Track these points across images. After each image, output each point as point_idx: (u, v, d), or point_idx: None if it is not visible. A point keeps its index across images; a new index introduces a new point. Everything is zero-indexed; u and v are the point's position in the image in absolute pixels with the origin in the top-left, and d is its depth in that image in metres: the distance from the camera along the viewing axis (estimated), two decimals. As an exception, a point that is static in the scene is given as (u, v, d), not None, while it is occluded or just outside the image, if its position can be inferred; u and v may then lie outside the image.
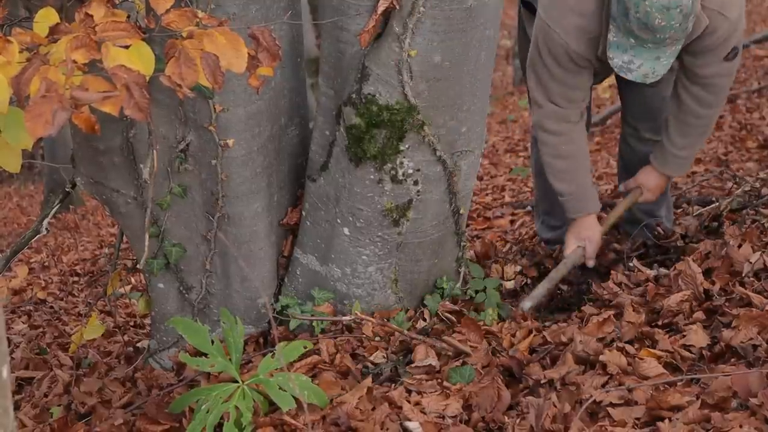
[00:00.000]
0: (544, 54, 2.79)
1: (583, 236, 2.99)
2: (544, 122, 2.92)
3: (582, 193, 2.99)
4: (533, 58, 2.85)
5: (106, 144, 2.57)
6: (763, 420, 1.81)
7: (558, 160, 2.96)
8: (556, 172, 2.98)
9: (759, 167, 4.27)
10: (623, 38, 2.65)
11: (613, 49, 2.67)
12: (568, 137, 2.93)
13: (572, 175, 2.97)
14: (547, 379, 2.18)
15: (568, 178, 2.97)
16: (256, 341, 2.78)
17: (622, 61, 2.67)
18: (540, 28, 2.79)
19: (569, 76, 2.82)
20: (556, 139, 2.93)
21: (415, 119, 2.47)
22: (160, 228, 2.69)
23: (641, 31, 2.59)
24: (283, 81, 2.62)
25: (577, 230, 3.01)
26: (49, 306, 4.74)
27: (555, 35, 2.73)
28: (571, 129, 2.93)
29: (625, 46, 2.65)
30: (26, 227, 9.06)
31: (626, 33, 2.63)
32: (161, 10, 1.80)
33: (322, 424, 2.16)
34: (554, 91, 2.85)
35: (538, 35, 2.79)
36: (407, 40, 2.36)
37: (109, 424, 2.47)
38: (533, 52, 2.85)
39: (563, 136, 2.93)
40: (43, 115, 1.53)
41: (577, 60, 2.77)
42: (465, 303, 2.77)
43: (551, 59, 2.78)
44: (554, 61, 2.78)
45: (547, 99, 2.88)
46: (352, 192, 2.58)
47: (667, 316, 2.40)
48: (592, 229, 3.00)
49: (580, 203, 2.99)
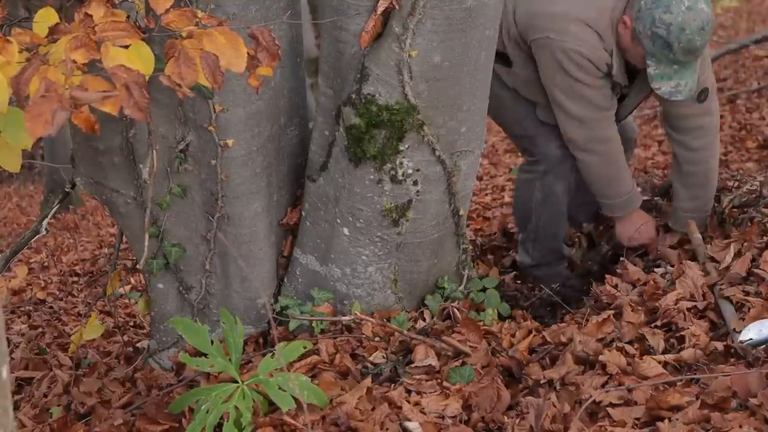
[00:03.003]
0: (572, 70, 2.88)
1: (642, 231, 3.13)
2: (602, 133, 3.00)
3: (634, 187, 3.13)
4: (565, 84, 2.92)
5: (105, 144, 2.57)
6: (762, 420, 1.81)
7: (614, 164, 3.06)
8: (613, 176, 3.08)
9: (759, 167, 4.26)
10: (666, 68, 2.80)
11: (657, 80, 2.82)
12: (618, 137, 3.05)
13: (625, 171, 3.09)
14: (547, 379, 2.18)
15: (624, 178, 3.08)
16: (256, 341, 2.78)
17: (669, 87, 2.82)
18: (557, 49, 2.86)
19: (599, 81, 2.92)
20: (611, 145, 3.03)
21: (414, 119, 2.47)
22: (159, 228, 2.68)
23: (686, 56, 2.77)
24: (283, 81, 2.62)
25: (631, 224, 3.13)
26: (48, 306, 4.74)
27: (576, 47, 2.84)
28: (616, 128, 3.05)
29: (669, 74, 2.81)
30: (26, 227, 9.06)
31: (669, 63, 2.79)
32: (161, 10, 1.80)
33: (321, 424, 2.16)
34: (596, 99, 2.94)
35: (559, 57, 2.87)
36: (407, 40, 2.36)
37: (109, 425, 2.47)
38: (561, 77, 2.91)
39: (616, 138, 3.04)
40: (42, 115, 1.53)
41: (598, 64, 2.87)
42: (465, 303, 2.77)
43: (581, 72, 2.88)
44: (584, 72, 2.88)
45: (597, 109, 2.97)
46: (351, 192, 2.58)
47: (666, 316, 2.40)
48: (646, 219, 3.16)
49: (634, 198, 3.12)
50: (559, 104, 2.97)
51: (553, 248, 3.32)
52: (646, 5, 2.79)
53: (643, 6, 2.80)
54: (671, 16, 2.73)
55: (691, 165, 3.06)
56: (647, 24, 2.78)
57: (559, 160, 3.13)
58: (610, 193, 3.10)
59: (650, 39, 2.78)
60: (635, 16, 2.82)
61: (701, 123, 3.03)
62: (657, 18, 2.75)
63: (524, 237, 3.39)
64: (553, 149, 3.13)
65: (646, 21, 2.78)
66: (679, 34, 2.73)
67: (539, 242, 3.32)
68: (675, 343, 2.27)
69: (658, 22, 2.75)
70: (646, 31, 2.78)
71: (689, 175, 3.08)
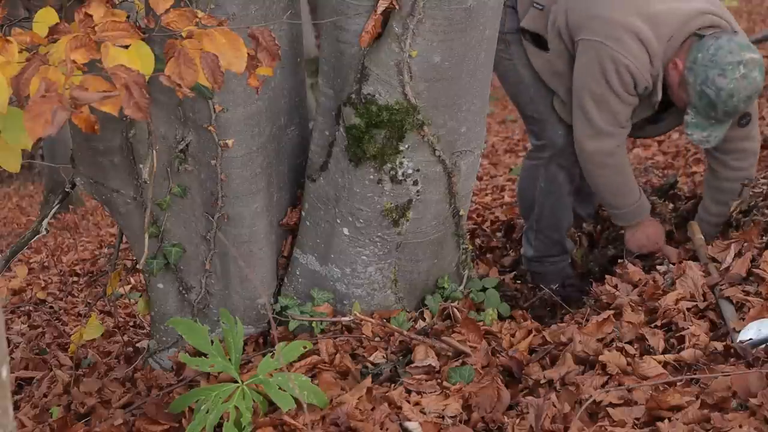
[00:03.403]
0: (614, 81, 2.89)
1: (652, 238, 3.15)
2: (615, 148, 3.02)
3: (642, 196, 3.15)
4: (599, 92, 2.93)
5: (105, 144, 2.57)
6: (762, 420, 1.81)
7: (622, 175, 3.08)
8: (622, 187, 3.10)
9: (759, 167, 4.26)
10: (703, 120, 2.86)
11: (691, 128, 2.88)
12: (625, 149, 3.10)
13: (633, 182, 3.12)
14: (547, 379, 2.18)
15: (632, 187, 3.11)
16: (256, 341, 2.78)
17: (701, 137, 2.89)
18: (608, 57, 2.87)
19: (633, 98, 2.94)
20: (621, 157, 3.06)
21: (414, 119, 2.47)
22: (159, 228, 2.68)
23: (725, 117, 2.83)
24: (283, 81, 2.62)
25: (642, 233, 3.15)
26: (48, 306, 4.74)
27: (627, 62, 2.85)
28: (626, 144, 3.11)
29: (704, 126, 2.86)
30: (26, 227, 9.06)
31: (707, 118, 2.84)
32: (161, 10, 1.80)
33: (321, 424, 2.16)
34: (622, 115, 2.97)
35: (605, 65, 2.88)
36: (407, 40, 2.36)
37: (109, 425, 2.47)
38: (598, 84, 2.92)
39: (624, 152, 3.08)
40: (42, 115, 1.53)
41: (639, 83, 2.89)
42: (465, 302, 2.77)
43: (621, 86, 2.89)
44: (623, 87, 2.89)
45: (618, 125, 2.99)
46: (351, 192, 2.58)
47: (666, 316, 2.40)
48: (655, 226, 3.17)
49: (643, 206, 3.14)
50: (585, 110, 2.97)
51: (555, 240, 3.33)
52: (702, 60, 2.80)
53: (699, 59, 2.80)
54: (724, 81, 2.76)
55: (728, 182, 3.12)
56: (699, 80, 2.80)
57: (564, 148, 3.15)
58: (618, 203, 3.12)
59: (697, 94, 2.81)
60: (689, 65, 2.83)
61: (743, 147, 3.08)
62: (710, 78, 2.78)
63: (527, 227, 3.41)
64: (561, 136, 3.15)
65: (698, 76, 2.80)
66: (727, 99, 2.77)
67: (542, 233, 3.33)
68: (675, 343, 2.27)
69: (710, 83, 2.78)
70: (695, 85, 2.81)
71: (724, 192, 3.13)
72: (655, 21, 2.88)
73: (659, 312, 2.42)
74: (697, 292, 2.50)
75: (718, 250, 2.76)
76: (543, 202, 3.28)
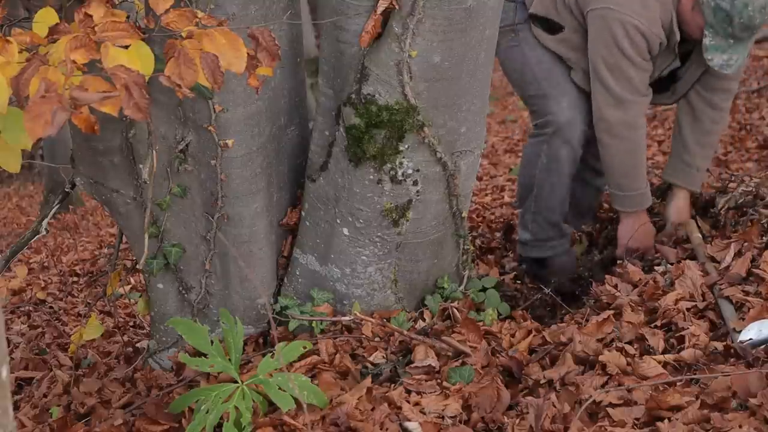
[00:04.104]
0: (625, 46, 2.93)
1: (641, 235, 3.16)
2: (634, 118, 3.05)
3: (647, 187, 3.17)
4: (612, 60, 2.97)
5: (105, 144, 2.57)
6: (762, 420, 1.81)
7: (636, 155, 3.11)
8: (633, 166, 3.12)
9: (759, 167, 4.27)
10: (722, 41, 2.88)
11: (711, 51, 2.90)
12: (644, 128, 3.12)
13: (644, 167, 3.14)
14: (547, 379, 2.18)
15: (642, 173, 3.14)
16: (256, 341, 2.78)
17: (722, 60, 2.91)
18: (616, 21, 2.91)
19: (646, 63, 2.98)
20: (640, 133, 3.09)
21: (414, 119, 2.47)
22: (159, 228, 2.68)
23: (743, 32, 2.85)
24: (283, 81, 2.62)
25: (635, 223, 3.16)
26: (48, 306, 4.74)
27: (635, 22, 2.90)
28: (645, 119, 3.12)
29: (723, 47, 2.89)
30: (26, 227, 9.06)
31: (726, 36, 2.87)
32: (160, 10, 1.80)
33: (321, 424, 2.16)
34: (638, 81, 3.00)
35: (615, 31, 2.92)
36: (407, 40, 2.36)
37: (109, 425, 2.47)
38: (610, 52, 2.96)
39: (643, 129, 3.11)
40: (42, 116, 1.53)
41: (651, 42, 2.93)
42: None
43: (633, 49, 2.93)
44: (636, 50, 2.93)
45: (637, 92, 3.02)
46: (351, 192, 2.58)
47: (666, 316, 2.40)
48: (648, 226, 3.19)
49: (645, 196, 3.17)
50: (602, 79, 3.01)
51: (553, 222, 3.32)
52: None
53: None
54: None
55: (712, 123, 3.18)
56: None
57: (567, 122, 3.17)
58: (624, 184, 3.13)
59: (712, 10, 2.85)
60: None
61: (729, 86, 3.19)
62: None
63: (524, 210, 3.39)
64: (565, 110, 3.17)
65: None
66: (742, 9, 2.81)
67: (540, 214, 3.32)
68: (675, 343, 2.27)
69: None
70: (709, 1, 2.85)
71: (708, 133, 3.19)
72: None
73: (659, 312, 2.42)
74: (697, 292, 2.51)
75: (717, 249, 2.77)
76: (543, 179, 3.26)
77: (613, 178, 3.17)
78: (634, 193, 3.14)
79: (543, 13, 3.14)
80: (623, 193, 3.15)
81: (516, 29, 3.18)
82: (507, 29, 3.10)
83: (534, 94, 3.26)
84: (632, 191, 3.14)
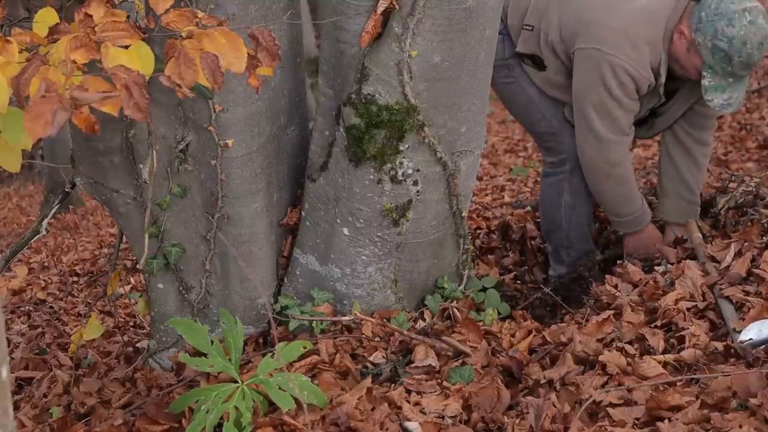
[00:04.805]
0: (612, 86, 2.90)
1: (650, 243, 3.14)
2: (617, 157, 3.03)
3: (644, 204, 3.16)
4: (598, 99, 2.93)
5: (105, 144, 2.57)
6: (762, 420, 1.81)
7: (626, 185, 3.09)
8: (625, 195, 3.11)
9: (759, 167, 4.27)
10: (721, 80, 2.85)
11: (711, 92, 2.86)
12: (629, 158, 3.11)
13: (635, 191, 3.12)
14: (547, 379, 2.18)
15: (635, 196, 3.12)
16: (256, 341, 2.78)
17: (722, 100, 2.87)
18: (605, 63, 2.88)
19: (633, 103, 2.95)
20: (626, 167, 3.06)
21: (414, 119, 2.47)
22: (159, 228, 2.68)
23: (742, 70, 2.83)
24: (283, 81, 2.62)
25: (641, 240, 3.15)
26: (48, 306, 4.74)
27: (625, 64, 2.86)
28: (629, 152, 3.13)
29: (723, 86, 2.85)
30: (26, 227, 9.06)
31: (725, 75, 2.84)
32: (161, 10, 1.80)
33: (321, 424, 2.16)
34: (624, 122, 2.98)
35: (603, 71, 2.89)
36: (407, 40, 2.36)
37: (109, 425, 2.47)
38: (597, 92, 2.93)
39: (628, 161, 3.09)
40: (42, 116, 1.53)
41: (639, 84, 2.90)
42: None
43: (621, 90, 2.90)
44: (623, 91, 2.90)
45: (621, 132, 3.00)
46: (351, 192, 2.58)
47: (666, 316, 2.40)
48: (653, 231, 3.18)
49: (644, 215, 3.15)
50: (587, 119, 2.98)
51: (588, 249, 3.33)
52: (707, 17, 2.81)
53: (704, 18, 2.82)
54: (734, 30, 2.77)
55: (704, 157, 3.20)
56: (708, 36, 2.81)
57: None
58: (620, 212, 3.13)
59: (710, 51, 2.81)
60: (695, 27, 2.84)
61: (714, 123, 3.21)
62: (719, 30, 2.79)
63: (554, 247, 3.36)
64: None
65: (707, 33, 2.81)
66: (740, 48, 2.77)
67: (572, 248, 3.30)
68: (675, 343, 2.27)
69: (720, 35, 2.78)
70: (706, 42, 2.81)
71: (701, 167, 3.20)
72: (648, 11, 2.91)
73: (659, 312, 2.42)
74: (697, 292, 2.51)
75: (717, 249, 2.77)
76: (570, 217, 3.25)
77: (608, 208, 3.18)
78: (631, 217, 3.13)
79: (528, 50, 3.10)
80: (621, 219, 3.14)
81: (508, 65, 3.14)
82: (499, 64, 3.03)
83: (545, 131, 3.23)
84: (629, 216, 3.12)
